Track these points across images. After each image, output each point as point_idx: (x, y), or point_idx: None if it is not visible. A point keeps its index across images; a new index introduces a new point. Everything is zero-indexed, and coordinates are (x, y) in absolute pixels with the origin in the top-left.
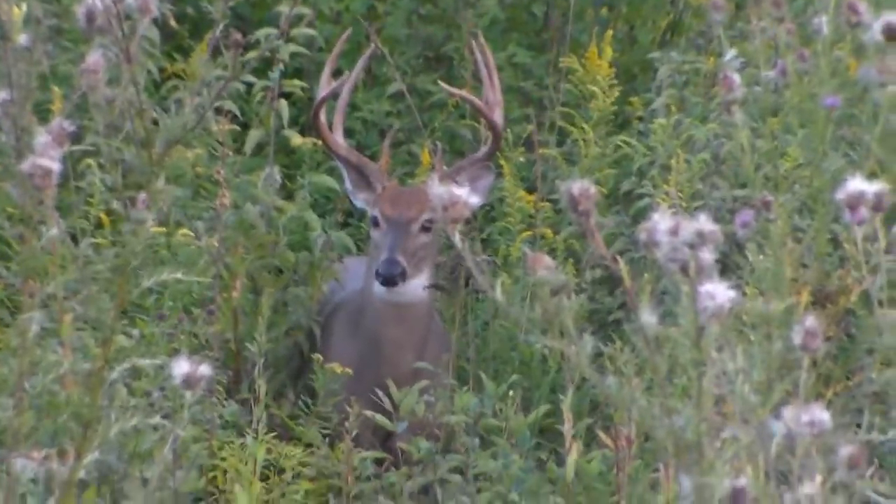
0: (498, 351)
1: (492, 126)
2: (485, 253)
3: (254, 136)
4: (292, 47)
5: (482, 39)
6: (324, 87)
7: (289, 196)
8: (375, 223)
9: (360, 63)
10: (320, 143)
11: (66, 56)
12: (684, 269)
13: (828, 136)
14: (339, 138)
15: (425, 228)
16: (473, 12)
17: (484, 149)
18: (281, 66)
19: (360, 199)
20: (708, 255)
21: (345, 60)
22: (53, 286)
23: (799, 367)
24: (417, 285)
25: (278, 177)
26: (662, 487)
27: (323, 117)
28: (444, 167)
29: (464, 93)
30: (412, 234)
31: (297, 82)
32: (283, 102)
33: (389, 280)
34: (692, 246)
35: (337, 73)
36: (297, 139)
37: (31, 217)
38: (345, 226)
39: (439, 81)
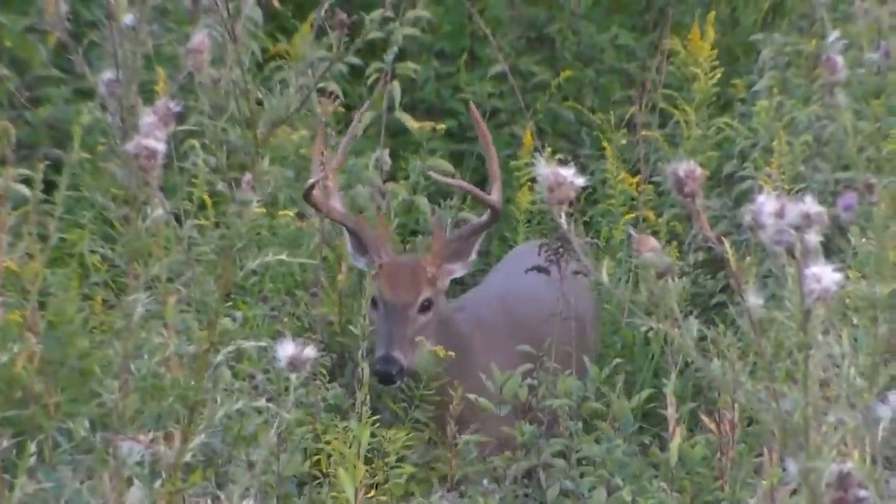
0: (601, 334)
1: (488, 206)
2: (587, 235)
3: (365, 117)
4: (407, 30)
5: (476, 113)
6: (315, 168)
7: (394, 178)
8: (374, 303)
9: (352, 127)
10: (439, 127)
11: (171, 36)
12: (790, 252)
13: None
14: (336, 204)
15: (424, 308)
16: None
17: (484, 218)
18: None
19: (360, 262)
20: (814, 238)
21: (448, 41)
22: (158, 268)
23: None
24: (420, 357)
25: (388, 159)
26: (766, 472)
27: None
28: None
29: (456, 181)
30: (410, 318)
31: (410, 65)
32: (396, 84)
33: (386, 378)
34: (798, 228)
35: (440, 54)
36: (411, 122)
37: (135, 198)
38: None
39: (431, 173)
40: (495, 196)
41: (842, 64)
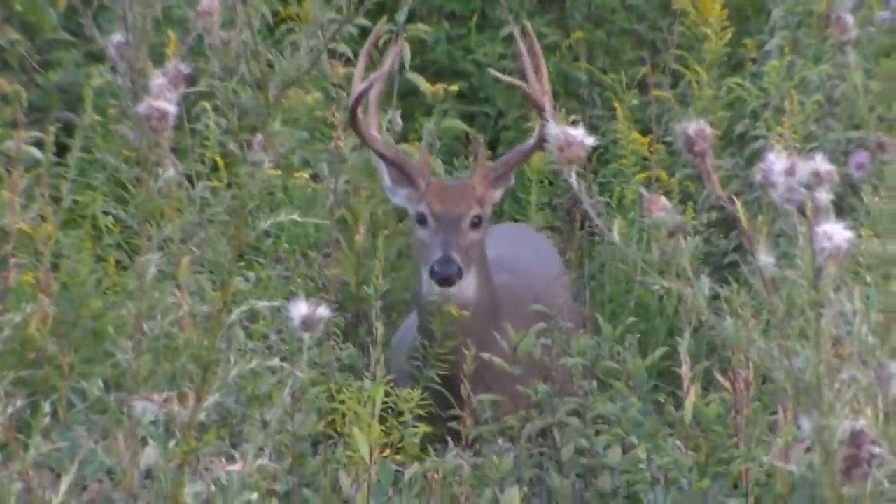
0: (614, 293)
1: (542, 116)
2: (599, 195)
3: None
4: None
5: (529, 28)
6: (357, 82)
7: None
8: (422, 220)
9: (394, 54)
10: (451, 88)
11: None
12: (801, 210)
13: None
14: (375, 133)
15: (474, 224)
16: None
17: (531, 141)
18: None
19: (399, 196)
20: (824, 196)
21: (458, 3)
22: (170, 229)
23: None
24: (467, 285)
25: (399, 120)
26: (781, 429)
27: (360, 112)
28: (488, 162)
29: (514, 80)
30: (463, 230)
31: (421, 26)
32: (406, 45)
33: (446, 280)
34: (808, 186)
35: (450, 16)
36: (422, 83)
37: (147, 159)
38: None
39: (490, 70)
40: (548, 107)
41: (852, 23)
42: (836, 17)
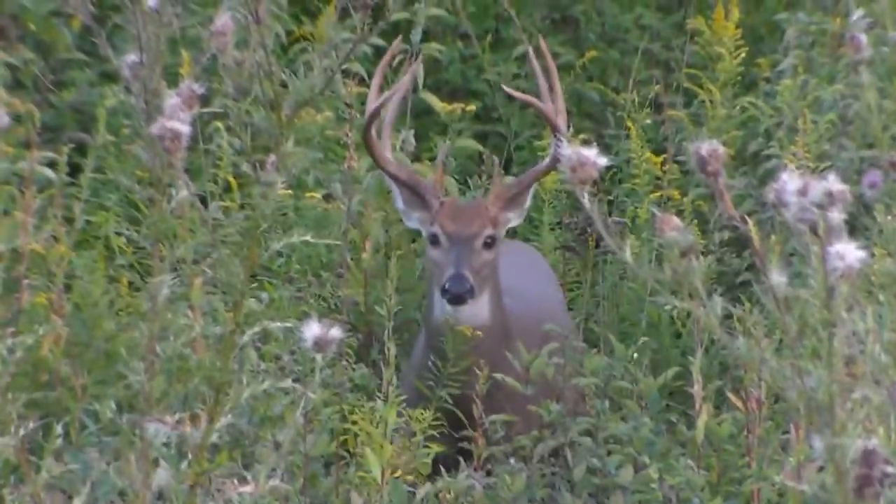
0: (627, 313)
1: (556, 135)
2: (612, 215)
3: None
4: (431, 11)
5: (543, 44)
6: (372, 101)
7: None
8: (434, 241)
9: (409, 74)
10: (469, 108)
11: (195, 19)
12: (813, 230)
13: None
14: (388, 155)
15: (487, 245)
16: None
17: (545, 161)
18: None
19: (413, 219)
20: (837, 216)
21: (472, 23)
22: (183, 250)
23: None
24: (481, 308)
25: (413, 140)
26: (793, 449)
27: (374, 132)
28: (504, 180)
29: (528, 97)
30: (476, 250)
31: (434, 45)
32: (421, 65)
33: (458, 297)
34: (821, 206)
35: (464, 36)
36: (437, 103)
37: (160, 180)
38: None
39: (504, 87)
40: (562, 126)
41: (866, 42)
42: (849, 36)
